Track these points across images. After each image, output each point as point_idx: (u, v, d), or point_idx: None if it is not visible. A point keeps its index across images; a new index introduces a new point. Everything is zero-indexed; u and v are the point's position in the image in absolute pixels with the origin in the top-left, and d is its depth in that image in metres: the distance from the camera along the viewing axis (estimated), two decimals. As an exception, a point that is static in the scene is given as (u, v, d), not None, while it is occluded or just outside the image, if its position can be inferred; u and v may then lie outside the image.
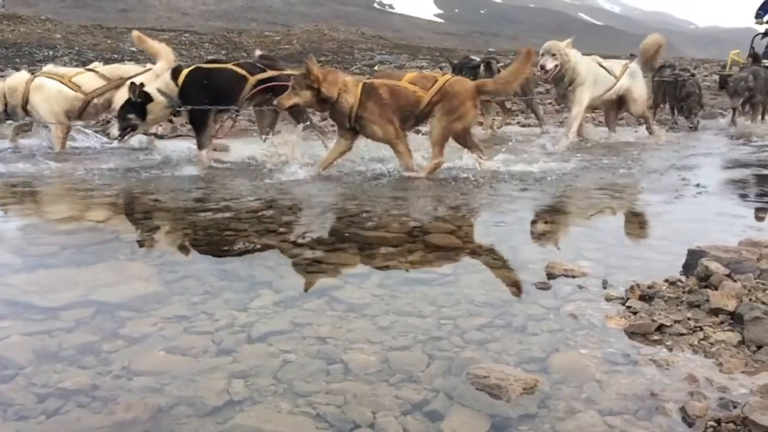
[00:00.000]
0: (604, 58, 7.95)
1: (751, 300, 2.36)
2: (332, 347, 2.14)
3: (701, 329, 2.25)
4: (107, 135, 6.01)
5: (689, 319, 2.32)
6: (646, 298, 2.52)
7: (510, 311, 2.44)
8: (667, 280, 2.67)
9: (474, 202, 4.52)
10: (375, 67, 18.51)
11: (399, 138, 5.18)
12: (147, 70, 6.71)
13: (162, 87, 5.73)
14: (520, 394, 1.83)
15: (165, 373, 1.97)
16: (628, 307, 2.44)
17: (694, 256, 2.78)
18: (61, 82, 6.51)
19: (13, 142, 6.95)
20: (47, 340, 2.19)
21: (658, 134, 7.86)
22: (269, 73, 5.88)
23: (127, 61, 8.68)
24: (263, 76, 5.84)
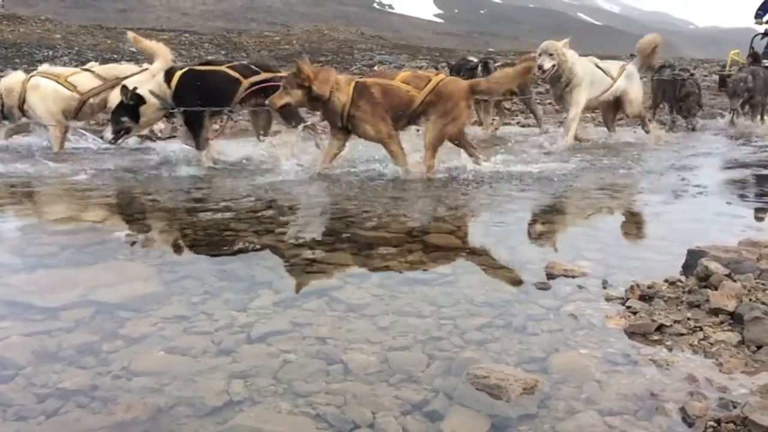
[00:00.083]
0: (604, 59, 7.95)
1: (750, 300, 2.36)
2: (332, 347, 2.14)
3: (701, 329, 2.25)
4: (101, 137, 5.99)
5: (689, 319, 2.32)
6: (646, 298, 2.52)
7: (510, 311, 2.44)
8: (666, 280, 2.67)
9: (473, 202, 4.52)
10: (375, 67, 18.51)
11: (391, 137, 5.14)
12: (143, 69, 6.69)
13: (155, 89, 5.70)
14: (520, 394, 1.83)
15: (164, 374, 1.97)
16: (628, 307, 2.44)
17: (693, 256, 2.78)
18: (57, 81, 6.49)
19: (3, 139, 6.91)
20: (47, 341, 2.19)
21: (657, 134, 7.86)
22: (263, 75, 5.82)
23: (127, 61, 8.65)
24: (257, 79, 5.80)
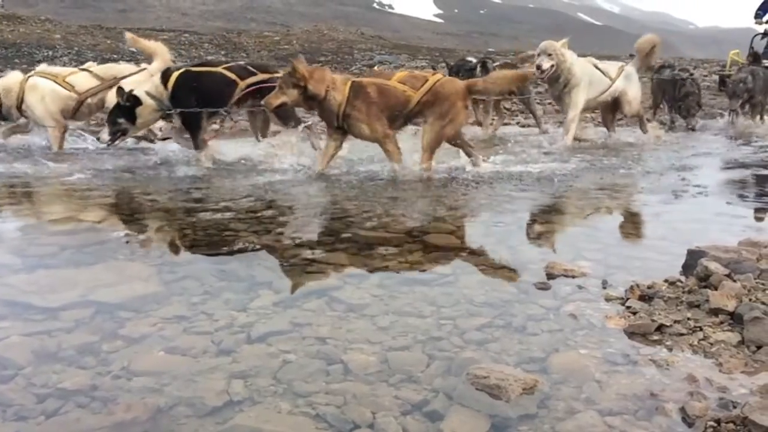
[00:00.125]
0: (604, 59, 7.95)
1: (750, 300, 2.36)
2: (332, 347, 2.14)
3: (701, 329, 2.25)
4: (98, 139, 5.99)
5: (689, 319, 2.32)
6: (646, 298, 2.52)
7: (510, 311, 2.44)
8: (666, 281, 2.67)
9: (473, 202, 4.52)
10: (375, 67, 18.50)
11: (387, 136, 5.12)
12: (141, 69, 6.68)
13: (151, 90, 5.70)
14: (520, 395, 1.83)
15: (164, 374, 1.97)
16: (628, 308, 2.44)
17: (693, 256, 2.78)
18: (55, 81, 6.48)
19: (2, 139, 6.90)
20: (47, 341, 2.19)
21: (657, 134, 7.86)
22: (260, 76, 5.79)
23: (126, 61, 8.63)
24: (254, 80, 5.78)
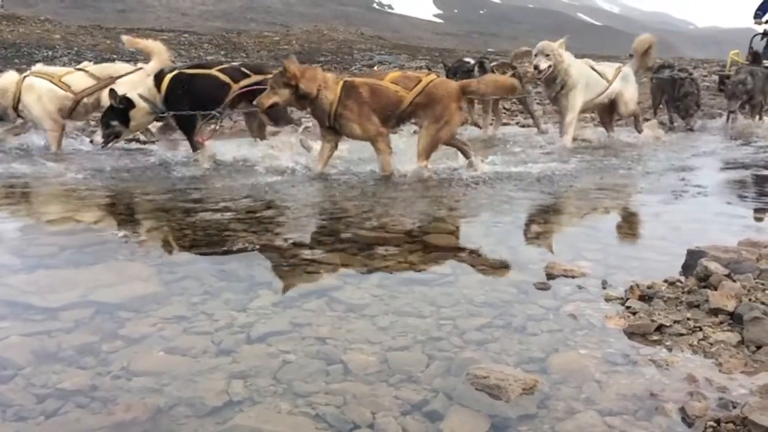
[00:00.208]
0: (604, 59, 7.94)
1: (750, 300, 2.36)
2: (332, 347, 2.14)
3: (701, 329, 2.25)
4: (91, 141, 5.98)
5: (689, 319, 2.32)
6: (646, 298, 2.52)
7: (509, 311, 2.44)
8: (666, 281, 2.67)
9: (473, 202, 4.52)
10: (375, 67, 18.50)
11: (380, 135, 5.10)
12: (137, 69, 6.67)
13: (144, 93, 5.69)
14: (520, 395, 1.83)
15: (164, 374, 1.97)
16: (628, 308, 2.44)
17: (693, 257, 2.78)
18: (51, 81, 6.47)
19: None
20: (46, 341, 2.18)
21: (656, 134, 7.86)
22: (254, 78, 5.77)
23: (126, 61, 8.60)
24: (247, 82, 5.76)
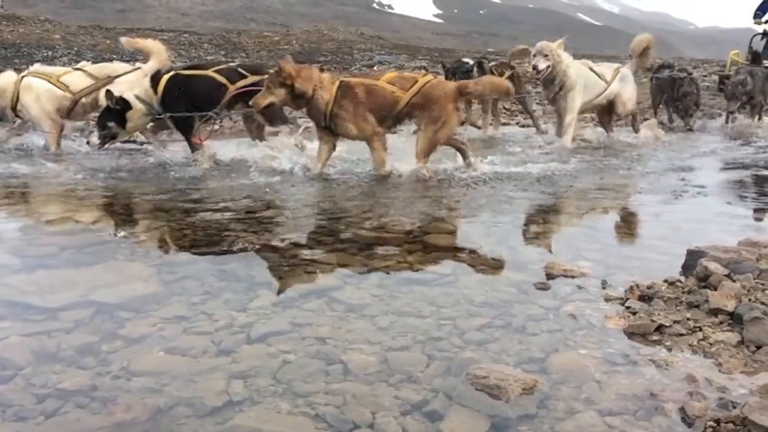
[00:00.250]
0: (604, 59, 7.93)
1: (750, 300, 2.36)
2: (332, 348, 2.14)
3: (700, 329, 2.25)
4: (87, 143, 5.98)
5: (688, 319, 2.32)
6: (646, 298, 2.52)
7: (509, 311, 2.44)
8: (666, 281, 2.67)
9: (473, 202, 4.52)
10: (375, 67, 18.50)
11: (375, 134, 5.08)
12: (135, 69, 6.65)
13: (141, 94, 5.68)
14: (520, 395, 1.83)
15: (164, 374, 1.97)
16: (628, 308, 2.44)
17: (693, 257, 2.78)
18: (49, 81, 6.46)
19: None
20: (46, 341, 2.18)
21: (656, 134, 7.86)
22: (251, 78, 5.75)
23: (126, 61, 8.58)
24: (244, 83, 5.74)
